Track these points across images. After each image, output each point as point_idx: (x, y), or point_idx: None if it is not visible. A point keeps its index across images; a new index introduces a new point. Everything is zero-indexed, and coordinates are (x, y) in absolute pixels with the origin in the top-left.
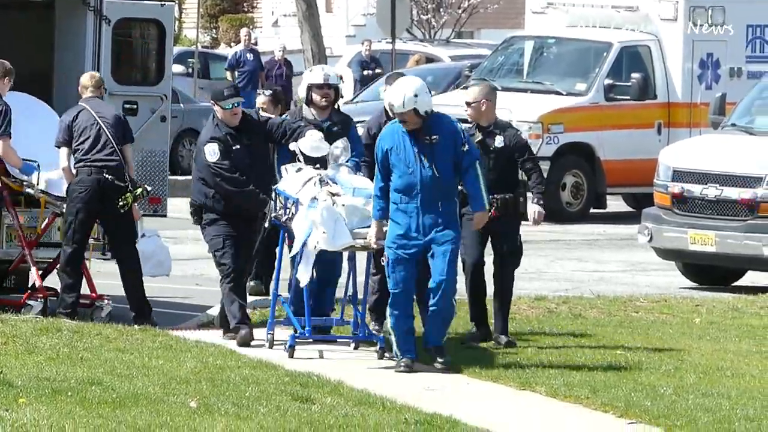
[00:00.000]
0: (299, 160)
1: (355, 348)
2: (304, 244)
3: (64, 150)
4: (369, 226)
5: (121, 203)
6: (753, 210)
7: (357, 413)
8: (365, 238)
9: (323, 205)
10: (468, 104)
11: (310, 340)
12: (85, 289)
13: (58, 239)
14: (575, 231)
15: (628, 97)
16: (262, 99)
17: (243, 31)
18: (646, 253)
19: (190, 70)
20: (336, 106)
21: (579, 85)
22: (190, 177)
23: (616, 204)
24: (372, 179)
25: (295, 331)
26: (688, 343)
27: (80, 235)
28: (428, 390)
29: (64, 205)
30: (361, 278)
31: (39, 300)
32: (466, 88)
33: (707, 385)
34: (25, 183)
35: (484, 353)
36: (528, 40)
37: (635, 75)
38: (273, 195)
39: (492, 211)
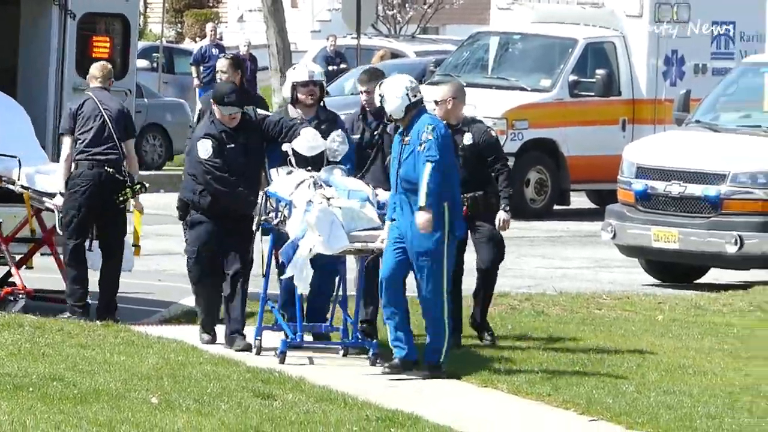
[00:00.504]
0: (290, 163)
1: (344, 354)
2: (296, 247)
3: (68, 139)
4: (366, 229)
5: (120, 198)
6: (716, 207)
7: (318, 409)
8: (363, 242)
9: (319, 208)
10: (436, 103)
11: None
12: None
13: (27, 234)
14: (539, 227)
15: (593, 94)
16: (222, 62)
17: (208, 26)
18: (609, 250)
19: (154, 64)
20: (321, 104)
21: (544, 81)
22: (154, 172)
23: (579, 200)
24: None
25: (287, 337)
26: (650, 340)
27: (82, 228)
28: (390, 387)
29: (46, 200)
30: (351, 277)
31: (21, 297)
32: (432, 83)
33: (669, 383)
34: (4, 179)
35: None
36: (493, 35)
37: (600, 71)
38: (263, 197)
39: (464, 209)
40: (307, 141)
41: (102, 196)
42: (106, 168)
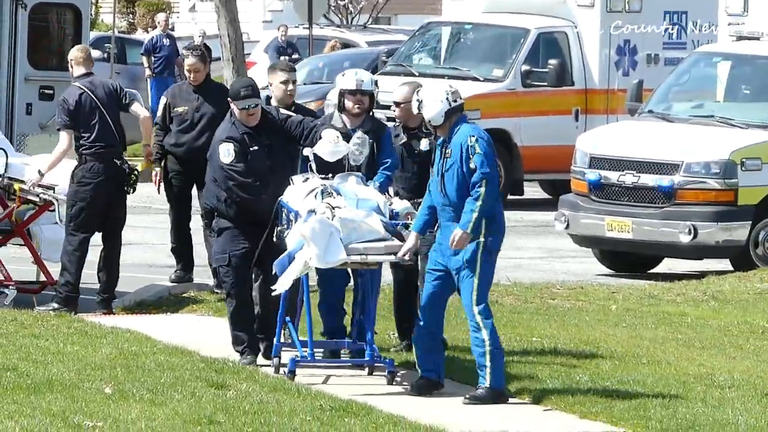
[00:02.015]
0: (311, 168)
1: (370, 373)
2: (292, 258)
3: (66, 134)
4: (369, 241)
5: (131, 188)
6: (670, 197)
7: (272, 399)
8: (361, 254)
9: (317, 218)
10: (397, 104)
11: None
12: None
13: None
14: None
15: (546, 84)
16: (191, 60)
17: (160, 16)
18: (562, 240)
19: (106, 55)
20: (371, 114)
21: (496, 71)
22: None
23: (533, 190)
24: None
25: (298, 355)
26: (604, 330)
27: (90, 221)
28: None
29: (39, 191)
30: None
31: (11, 288)
32: (383, 74)
33: (623, 372)
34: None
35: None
36: (445, 25)
37: (552, 61)
38: (276, 206)
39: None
40: (329, 146)
41: (109, 189)
42: (114, 160)
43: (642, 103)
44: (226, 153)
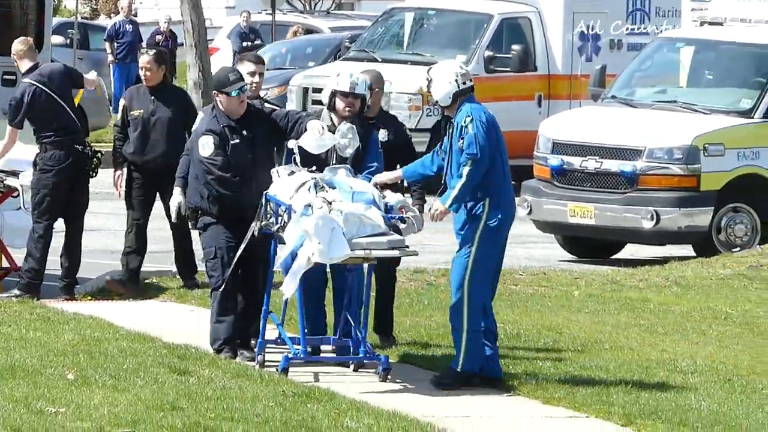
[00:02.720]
0: (295, 162)
1: (355, 369)
2: (294, 256)
3: (13, 131)
4: (371, 235)
5: (93, 171)
6: (632, 183)
7: (235, 385)
8: (365, 249)
9: (319, 213)
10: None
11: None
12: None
13: None
14: None
15: (509, 69)
16: (145, 58)
17: (123, 2)
18: (525, 226)
19: (69, 41)
20: (361, 116)
21: (459, 56)
22: None
23: None
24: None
25: (289, 353)
26: (566, 316)
27: (54, 208)
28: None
29: (8, 179)
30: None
31: None
32: (346, 59)
33: (585, 358)
34: None
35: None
36: (408, 11)
37: (515, 47)
38: (263, 201)
39: None
40: (315, 139)
41: (71, 174)
42: (75, 146)
43: (605, 89)
44: (204, 146)
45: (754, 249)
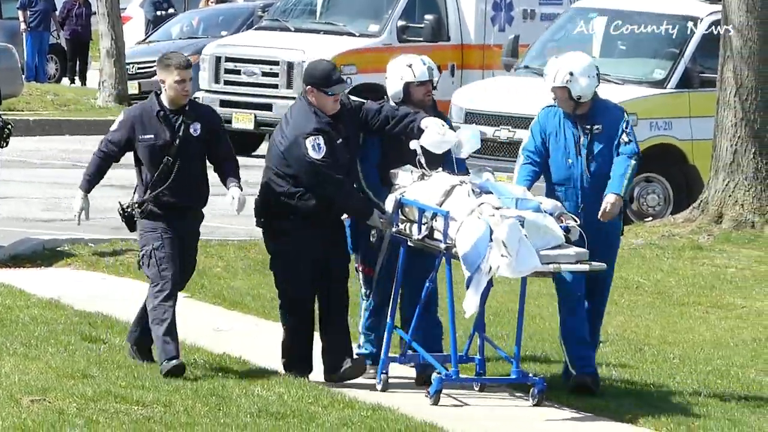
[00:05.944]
0: (420, 164)
1: (481, 390)
2: (478, 268)
3: None
4: (552, 247)
5: (3, 142)
6: None
7: None
8: (555, 263)
9: (507, 222)
10: None
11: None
12: None
13: None
14: None
15: (422, 39)
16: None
17: None
18: None
19: None
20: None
21: (372, 26)
22: None
23: None
24: None
25: (439, 373)
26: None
27: None
28: (217, 331)
29: None
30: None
31: None
32: (259, 29)
33: (498, 328)
34: None
35: None
36: None
37: (428, 16)
38: (395, 205)
39: None
40: (437, 136)
41: None
42: None
43: (518, 59)
44: (315, 147)
45: (666, 219)
